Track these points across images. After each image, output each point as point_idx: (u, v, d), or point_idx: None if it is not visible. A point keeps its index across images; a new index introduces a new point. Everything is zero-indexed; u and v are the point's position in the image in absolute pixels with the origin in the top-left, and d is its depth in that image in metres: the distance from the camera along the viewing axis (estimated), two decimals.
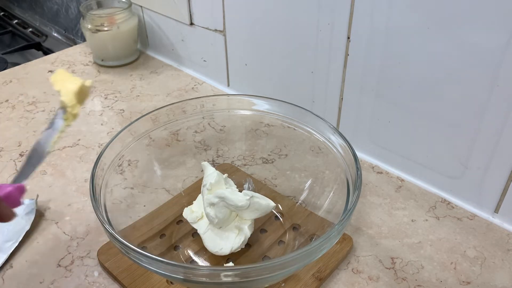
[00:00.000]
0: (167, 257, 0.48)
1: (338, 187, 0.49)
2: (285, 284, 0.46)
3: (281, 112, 0.54)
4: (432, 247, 0.51)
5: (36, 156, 0.41)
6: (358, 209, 0.56)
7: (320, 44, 0.60)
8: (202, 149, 0.59)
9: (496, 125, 0.49)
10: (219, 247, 0.47)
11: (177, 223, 0.52)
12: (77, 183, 0.61)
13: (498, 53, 0.46)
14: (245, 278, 0.37)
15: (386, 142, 0.61)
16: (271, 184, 0.57)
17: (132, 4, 0.86)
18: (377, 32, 0.54)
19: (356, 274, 0.49)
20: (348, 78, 0.60)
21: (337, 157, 0.49)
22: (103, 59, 0.87)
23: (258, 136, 0.58)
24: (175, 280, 0.43)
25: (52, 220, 0.55)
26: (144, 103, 0.77)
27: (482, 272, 0.49)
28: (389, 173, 0.62)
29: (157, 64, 0.88)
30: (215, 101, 0.56)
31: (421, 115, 0.55)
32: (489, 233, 0.53)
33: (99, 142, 0.68)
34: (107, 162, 0.48)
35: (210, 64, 0.80)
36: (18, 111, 0.75)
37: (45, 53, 1.16)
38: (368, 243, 0.52)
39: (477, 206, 0.56)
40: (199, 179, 0.57)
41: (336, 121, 0.65)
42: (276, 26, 0.65)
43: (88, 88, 0.44)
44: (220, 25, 0.73)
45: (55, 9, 1.22)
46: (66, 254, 0.51)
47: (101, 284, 0.48)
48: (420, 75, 0.53)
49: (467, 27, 0.47)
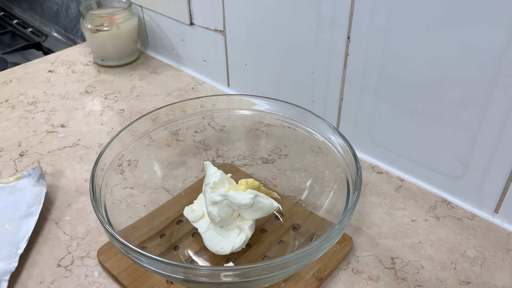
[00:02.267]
0: (167, 257, 0.48)
1: (338, 187, 0.49)
2: (285, 284, 0.46)
3: (281, 112, 0.54)
4: (432, 247, 0.51)
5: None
6: (358, 209, 0.56)
7: (320, 44, 0.60)
8: (202, 149, 0.59)
9: (496, 125, 0.49)
10: (220, 246, 0.47)
11: (177, 223, 0.52)
12: (77, 183, 0.61)
13: (498, 53, 0.46)
14: (245, 278, 0.37)
15: (386, 142, 0.61)
16: (271, 184, 0.57)
17: (132, 4, 0.86)
18: (377, 32, 0.54)
19: (356, 274, 0.49)
20: (348, 78, 0.60)
21: (337, 157, 0.49)
22: (103, 59, 0.87)
23: (258, 136, 0.58)
24: (175, 280, 0.43)
25: (52, 220, 0.55)
26: (144, 103, 0.77)
27: (482, 272, 0.49)
28: (389, 173, 0.62)
29: (157, 64, 0.88)
30: (215, 101, 0.56)
31: (421, 115, 0.55)
32: (489, 233, 0.53)
33: (99, 142, 0.68)
34: (107, 162, 0.48)
35: (210, 64, 0.80)
36: (18, 111, 0.75)
37: (45, 53, 1.17)
38: (368, 243, 0.52)
39: (477, 206, 0.56)
40: (199, 179, 0.57)
41: (336, 121, 0.65)
42: (276, 26, 0.65)
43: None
44: (220, 25, 0.73)
45: (55, 9, 1.22)
46: (66, 254, 0.51)
47: (101, 284, 0.48)
48: (420, 75, 0.53)
49: (467, 27, 0.47)
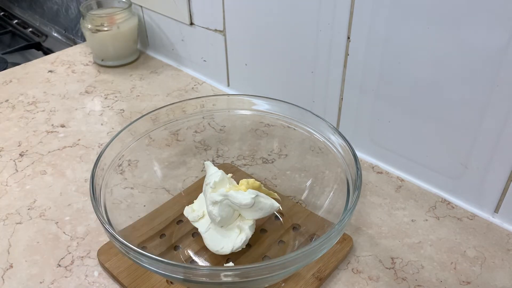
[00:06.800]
0: (167, 257, 0.48)
1: (338, 187, 0.49)
2: (285, 284, 0.46)
3: (281, 112, 0.54)
4: (432, 247, 0.51)
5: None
6: (358, 209, 0.56)
7: (320, 44, 0.60)
8: (202, 149, 0.59)
9: (496, 125, 0.49)
10: (220, 246, 0.47)
11: (177, 223, 0.52)
12: (77, 183, 0.61)
13: (498, 53, 0.46)
14: (245, 278, 0.37)
15: (386, 142, 0.61)
16: (271, 184, 0.57)
17: (132, 4, 0.86)
18: (377, 32, 0.54)
19: (356, 274, 0.49)
20: (348, 78, 0.60)
21: (337, 157, 0.49)
22: (103, 59, 0.87)
23: (258, 136, 0.58)
24: (175, 280, 0.43)
25: (52, 220, 0.55)
26: (144, 103, 0.77)
27: (482, 272, 0.49)
28: (389, 173, 0.62)
29: (157, 64, 0.88)
30: (215, 101, 0.56)
31: (421, 115, 0.55)
32: (489, 233, 0.53)
33: (99, 142, 0.68)
34: (107, 162, 0.48)
35: (210, 64, 0.80)
36: (18, 111, 0.75)
37: (45, 53, 1.17)
38: (368, 243, 0.52)
39: (477, 206, 0.56)
40: (199, 179, 0.57)
41: (336, 121, 0.65)
42: (276, 26, 0.65)
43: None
44: (220, 25, 0.73)
45: (55, 9, 1.22)
46: (66, 254, 0.51)
47: (101, 284, 0.48)
48: (420, 75, 0.53)
49: (467, 27, 0.47)
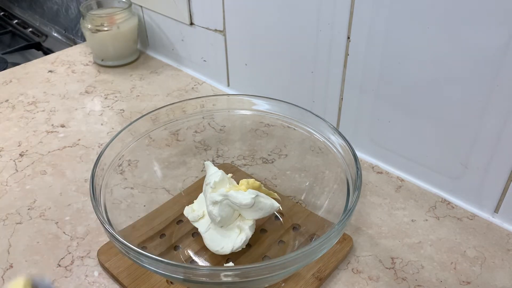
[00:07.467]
0: (167, 257, 0.48)
1: (338, 187, 0.49)
2: (285, 284, 0.46)
3: (281, 112, 0.54)
4: (432, 247, 0.51)
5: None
6: (358, 209, 0.56)
7: (320, 44, 0.60)
8: (202, 149, 0.59)
9: (496, 125, 0.49)
10: (220, 246, 0.47)
11: (177, 223, 0.52)
12: (77, 183, 0.61)
13: (498, 53, 0.46)
14: (245, 278, 0.37)
15: (386, 142, 0.61)
16: (271, 184, 0.57)
17: (132, 4, 0.86)
18: (377, 32, 0.54)
19: (356, 274, 0.49)
20: (348, 78, 0.60)
21: (337, 157, 0.49)
22: (103, 59, 0.87)
23: (258, 136, 0.58)
24: (175, 280, 0.43)
25: (52, 220, 0.55)
26: (144, 103, 0.77)
27: (482, 272, 0.49)
28: (389, 173, 0.62)
29: (157, 64, 0.88)
30: (215, 101, 0.56)
31: (421, 115, 0.55)
32: (489, 233, 0.53)
33: (99, 142, 0.68)
34: (107, 162, 0.48)
35: (210, 64, 0.80)
36: (18, 111, 0.75)
37: (45, 53, 1.17)
38: (368, 243, 0.52)
39: (477, 206, 0.56)
40: (199, 179, 0.57)
41: (336, 121, 0.65)
42: (276, 26, 0.65)
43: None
44: (220, 25, 0.73)
45: (55, 9, 1.22)
46: (66, 254, 0.51)
47: (101, 284, 0.48)
48: (420, 75, 0.53)
49: (467, 27, 0.47)
